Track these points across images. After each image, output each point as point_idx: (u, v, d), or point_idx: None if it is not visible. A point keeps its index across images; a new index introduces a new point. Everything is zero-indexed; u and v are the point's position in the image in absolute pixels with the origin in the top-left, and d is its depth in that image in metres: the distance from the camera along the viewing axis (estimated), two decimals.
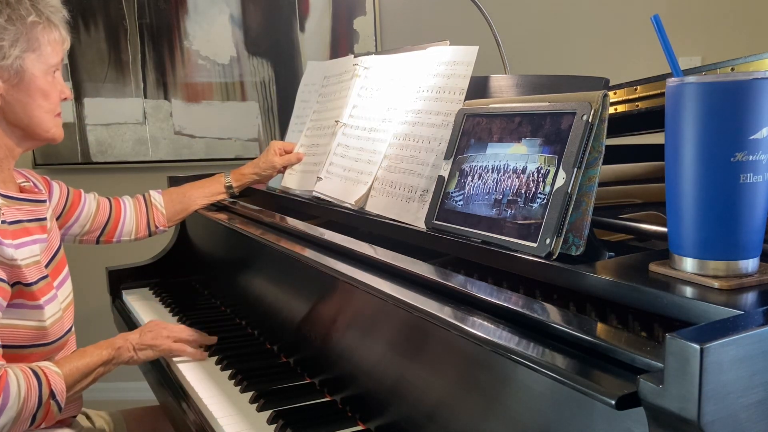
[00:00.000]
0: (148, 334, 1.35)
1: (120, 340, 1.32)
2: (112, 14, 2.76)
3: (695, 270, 0.72)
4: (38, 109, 1.22)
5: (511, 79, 1.21)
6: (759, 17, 2.56)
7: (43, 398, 1.10)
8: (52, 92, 1.23)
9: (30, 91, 1.20)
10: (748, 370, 0.55)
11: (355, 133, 1.44)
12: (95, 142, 2.85)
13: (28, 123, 1.22)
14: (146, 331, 1.36)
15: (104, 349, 1.27)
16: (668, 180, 0.73)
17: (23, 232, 1.18)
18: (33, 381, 1.09)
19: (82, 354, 1.23)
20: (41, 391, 1.10)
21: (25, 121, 1.22)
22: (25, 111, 1.21)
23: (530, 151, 0.94)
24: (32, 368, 1.12)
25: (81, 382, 1.20)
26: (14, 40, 1.16)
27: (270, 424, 1.07)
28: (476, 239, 0.98)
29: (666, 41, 0.74)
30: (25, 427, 1.10)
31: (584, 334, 0.68)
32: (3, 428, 1.06)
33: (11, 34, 1.15)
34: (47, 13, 1.21)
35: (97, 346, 1.27)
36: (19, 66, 1.17)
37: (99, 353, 1.25)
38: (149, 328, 1.38)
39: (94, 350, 1.25)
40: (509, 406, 0.74)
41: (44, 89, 1.21)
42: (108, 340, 1.31)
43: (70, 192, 1.50)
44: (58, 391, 1.13)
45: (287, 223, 1.40)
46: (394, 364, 0.97)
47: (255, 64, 2.79)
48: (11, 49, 1.15)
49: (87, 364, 1.21)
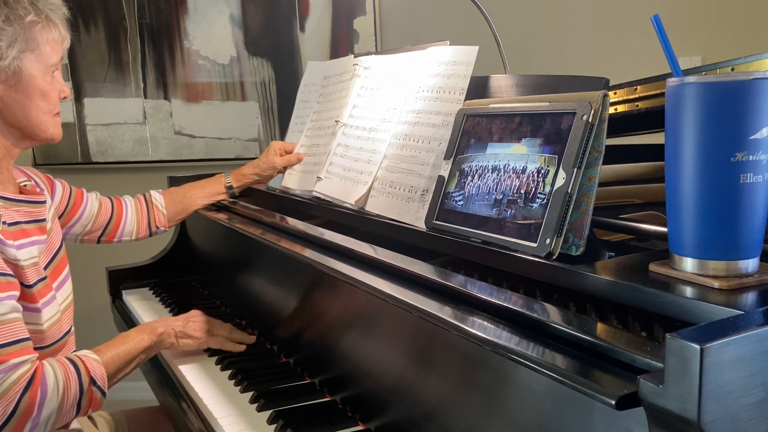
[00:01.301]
0: (191, 324, 1.36)
1: (161, 325, 1.32)
2: (112, 14, 2.76)
3: (695, 270, 0.72)
4: (37, 109, 1.21)
5: (511, 79, 1.21)
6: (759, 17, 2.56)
7: (84, 386, 1.11)
8: (51, 92, 1.22)
9: (28, 91, 1.19)
10: (748, 370, 0.55)
11: (355, 133, 1.44)
12: (95, 142, 2.85)
13: (27, 123, 1.21)
14: (191, 320, 1.37)
15: (146, 334, 1.28)
16: (668, 180, 0.73)
17: (21, 233, 1.18)
18: (71, 370, 1.11)
19: (123, 340, 1.24)
20: (81, 380, 1.11)
21: (24, 121, 1.21)
22: (23, 111, 1.20)
23: (530, 151, 0.94)
24: (70, 358, 1.13)
25: (124, 369, 1.22)
26: (12, 40, 1.15)
27: (270, 424, 1.07)
28: (476, 239, 0.98)
29: (666, 41, 0.74)
30: (72, 416, 1.12)
31: (584, 334, 0.68)
32: (49, 419, 1.07)
33: (9, 34, 1.15)
34: (46, 11, 1.20)
35: (139, 331, 1.28)
36: (17, 66, 1.16)
37: (140, 339, 1.26)
38: (194, 317, 1.38)
39: (136, 335, 1.26)
40: (509, 406, 0.74)
41: (43, 89, 1.20)
42: (148, 324, 1.32)
43: (72, 191, 1.50)
44: (98, 377, 1.14)
45: (287, 223, 1.40)
46: (394, 364, 0.97)
47: (255, 64, 2.79)
48: (9, 50, 1.14)
49: (128, 350, 1.23)
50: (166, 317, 1.39)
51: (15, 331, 1.08)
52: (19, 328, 1.09)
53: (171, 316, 1.39)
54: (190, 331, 1.35)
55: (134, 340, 1.25)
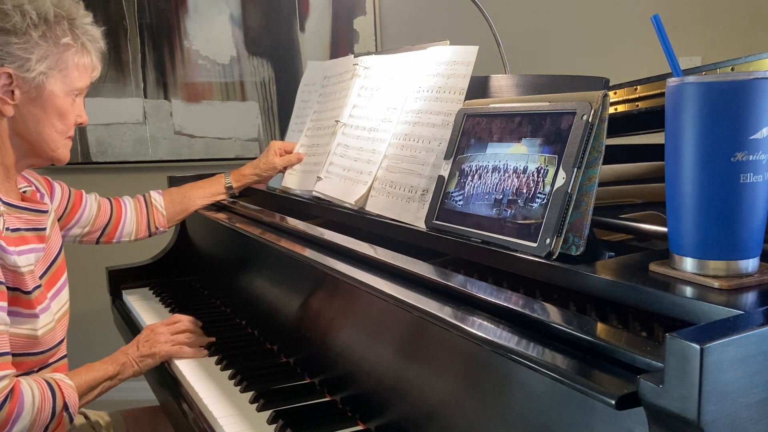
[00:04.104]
0: (144, 344, 1.36)
1: (122, 356, 1.33)
2: (112, 14, 2.76)
3: (695, 270, 0.72)
4: (51, 127, 1.22)
5: (511, 79, 1.21)
6: (759, 17, 2.56)
7: (57, 410, 1.14)
8: (69, 114, 1.24)
9: (46, 107, 1.20)
10: (748, 370, 0.55)
11: (355, 132, 1.44)
12: (95, 142, 2.85)
13: (37, 138, 1.22)
14: (143, 341, 1.37)
15: (110, 364, 1.30)
16: (668, 180, 0.73)
17: (21, 240, 1.18)
18: (47, 393, 1.13)
19: (88, 369, 1.26)
20: (55, 403, 1.14)
21: (35, 135, 1.21)
22: (36, 126, 1.21)
23: (530, 151, 0.94)
24: (47, 380, 1.15)
25: (87, 395, 1.25)
26: (42, 56, 1.17)
27: (270, 424, 1.07)
28: (476, 239, 0.98)
29: (666, 41, 0.74)
30: None
31: (584, 334, 0.68)
32: None
33: (42, 50, 1.17)
34: (84, 39, 1.22)
35: (103, 362, 1.30)
36: (41, 81, 1.18)
37: (105, 369, 1.28)
38: (145, 337, 1.38)
39: (101, 366, 1.29)
40: (509, 406, 0.74)
41: (62, 109, 1.22)
42: (112, 356, 1.33)
43: (71, 193, 1.50)
44: (71, 403, 1.17)
45: (287, 223, 1.40)
46: (394, 364, 0.97)
47: (255, 64, 2.79)
48: (38, 64, 1.16)
49: (94, 378, 1.25)
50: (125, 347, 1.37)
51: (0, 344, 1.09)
52: (3, 341, 1.10)
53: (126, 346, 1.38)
54: (145, 351, 1.35)
55: (99, 370, 1.27)
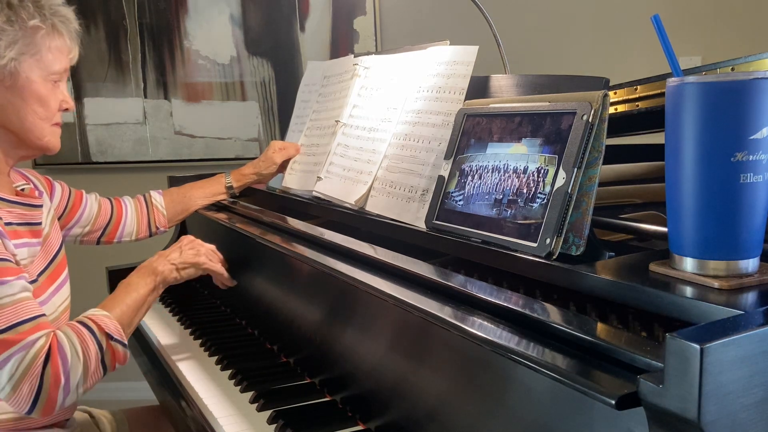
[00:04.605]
0: (188, 252, 1.37)
1: (160, 263, 1.32)
2: (112, 14, 2.77)
3: (695, 270, 0.72)
4: (33, 114, 1.20)
5: (511, 79, 1.21)
6: (759, 17, 2.56)
7: (103, 344, 1.12)
8: (49, 99, 1.21)
9: (24, 95, 1.18)
10: (748, 370, 0.55)
11: (355, 132, 1.44)
12: (95, 142, 2.85)
13: (21, 127, 1.20)
14: (186, 249, 1.37)
15: (148, 277, 1.28)
16: (668, 180, 0.73)
17: (13, 234, 1.18)
18: (85, 332, 1.11)
19: (127, 288, 1.25)
20: (97, 339, 1.12)
21: (18, 125, 1.20)
22: (18, 115, 1.19)
23: (530, 151, 0.94)
24: (81, 320, 1.14)
25: (137, 316, 1.23)
26: (11, 42, 1.14)
27: (270, 424, 1.07)
28: (476, 239, 0.98)
29: (666, 41, 0.74)
30: (100, 374, 1.13)
31: (584, 334, 0.68)
32: (78, 386, 1.08)
33: (9, 35, 1.14)
34: (54, 20, 1.19)
35: (140, 275, 1.28)
36: (13, 68, 1.15)
37: (144, 283, 1.27)
38: (189, 245, 1.39)
39: (138, 280, 1.27)
40: (509, 406, 0.74)
41: (41, 95, 1.19)
42: (146, 265, 1.31)
43: (71, 193, 1.50)
44: (113, 331, 1.14)
45: (287, 223, 1.40)
46: (394, 364, 0.97)
47: (255, 64, 2.79)
48: (7, 50, 1.14)
49: (135, 299, 1.23)
50: (159, 252, 1.37)
51: (28, 310, 1.08)
52: (31, 306, 1.09)
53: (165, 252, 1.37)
54: (189, 258, 1.36)
55: (138, 286, 1.25)
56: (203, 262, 1.38)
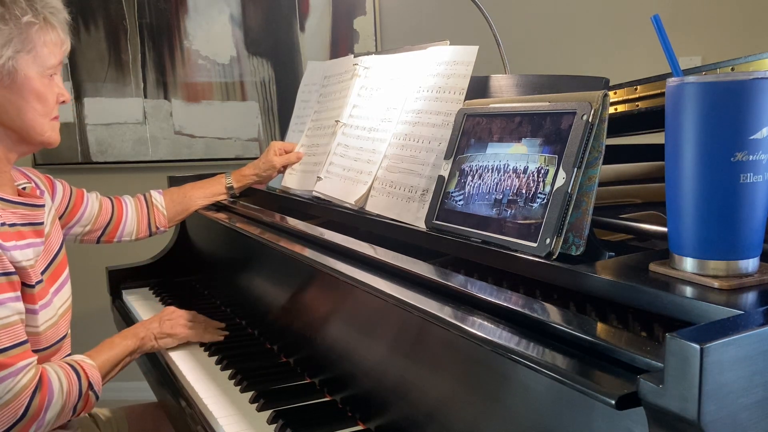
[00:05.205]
0: (167, 323, 1.43)
1: (142, 330, 1.39)
2: (112, 14, 2.76)
3: (695, 270, 0.72)
4: (32, 111, 1.19)
5: (511, 79, 1.21)
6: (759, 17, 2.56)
7: (83, 390, 1.19)
8: (47, 94, 1.21)
9: (23, 92, 1.17)
10: (748, 370, 0.55)
11: (355, 132, 1.44)
12: (95, 142, 2.85)
13: (21, 125, 1.20)
14: (165, 320, 1.43)
15: (129, 339, 1.35)
16: (668, 180, 0.73)
17: (17, 235, 1.18)
18: (73, 376, 1.17)
19: (110, 345, 1.31)
20: (81, 384, 1.18)
21: (18, 123, 1.19)
22: (18, 113, 1.18)
23: (530, 151, 0.94)
24: (70, 363, 1.19)
25: (111, 373, 1.30)
26: (7, 40, 1.13)
27: (270, 424, 1.07)
28: (476, 239, 0.98)
29: (666, 41, 0.74)
30: (68, 417, 1.19)
31: (584, 334, 0.68)
32: (50, 422, 1.14)
33: (4, 33, 1.13)
34: (45, 13, 1.18)
35: (123, 337, 1.35)
36: (11, 66, 1.15)
37: (125, 344, 1.34)
38: (168, 316, 1.45)
39: (121, 341, 1.34)
40: (509, 406, 0.74)
41: (39, 91, 1.19)
42: (130, 329, 1.39)
43: (73, 192, 1.50)
44: (95, 382, 1.21)
45: (287, 223, 1.40)
46: (394, 363, 0.97)
47: (255, 64, 2.79)
48: (3, 49, 1.13)
49: (116, 355, 1.31)
50: (144, 320, 1.44)
51: (18, 334, 1.11)
52: (20, 330, 1.12)
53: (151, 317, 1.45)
54: (167, 329, 1.42)
55: (120, 346, 1.33)
56: (179, 332, 1.44)
